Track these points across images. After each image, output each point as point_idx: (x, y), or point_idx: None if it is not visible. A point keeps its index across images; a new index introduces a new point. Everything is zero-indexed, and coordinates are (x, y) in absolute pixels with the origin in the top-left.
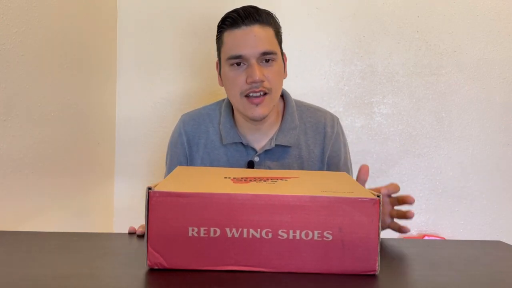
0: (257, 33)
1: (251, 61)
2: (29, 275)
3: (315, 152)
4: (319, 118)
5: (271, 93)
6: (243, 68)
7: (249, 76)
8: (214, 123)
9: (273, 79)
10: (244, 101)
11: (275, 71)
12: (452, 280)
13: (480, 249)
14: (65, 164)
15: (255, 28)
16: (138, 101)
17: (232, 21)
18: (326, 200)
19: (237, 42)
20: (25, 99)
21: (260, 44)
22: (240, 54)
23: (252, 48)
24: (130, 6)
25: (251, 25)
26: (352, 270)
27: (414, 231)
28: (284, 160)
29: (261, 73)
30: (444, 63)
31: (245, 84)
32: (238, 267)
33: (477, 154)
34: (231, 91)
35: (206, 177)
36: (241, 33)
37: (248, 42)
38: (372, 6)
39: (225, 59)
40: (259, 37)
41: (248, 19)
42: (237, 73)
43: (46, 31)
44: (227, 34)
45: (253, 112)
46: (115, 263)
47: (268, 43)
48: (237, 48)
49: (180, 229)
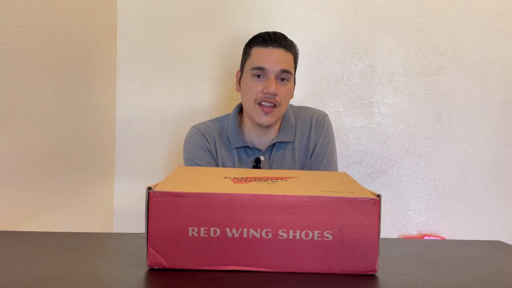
0: (281, 54)
1: (271, 76)
2: (29, 275)
3: (303, 142)
4: (309, 113)
5: (280, 107)
6: (262, 80)
7: (266, 87)
8: (223, 132)
9: (284, 96)
10: (256, 108)
11: (287, 90)
12: (452, 280)
13: (480, 249)
14: (65, 164)
15: (280, 50)
16: (138, 101)
17: (263, 40)
18: (326, 200)
19: (263, 57)
20: (25, 99)
21: (281, 63)
22: (264, 66)
23: (274, 64)
24: (130, 6)
25: (277, 47)
26: (352, 270)
27: (414, 231)
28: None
29: (276, 87)
30: (444, 63)
31: (260, 93)
32: (238, 267)
33: (477, 154)
34: (247, 96)
35: (206, 177)
36: (268, 51)
37: (272, 59)
38: (372, 6)
39: (249, 68)
40: (281, 58)
41: (276, 42)
42: (256, 83)
43: (46, 31)
44: (256, 49)
45: (261, 119)
46: (115, 263)
47: (288, 64)
48: (262, 62)
49: (180, 229)
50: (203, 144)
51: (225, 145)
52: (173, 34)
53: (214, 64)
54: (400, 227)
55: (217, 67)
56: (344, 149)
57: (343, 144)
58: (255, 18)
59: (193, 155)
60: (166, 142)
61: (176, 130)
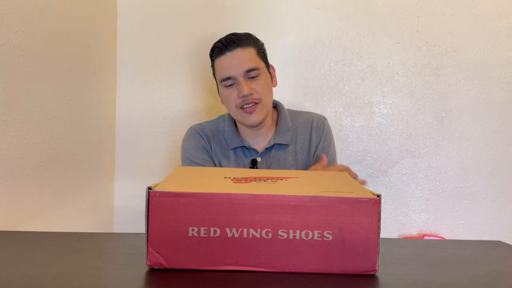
0: (240, 55)
1: (239, 79)
2: (29, 275)
3: (305, 145)
4: (308, 117)
5: (262, 102)
6: (234, 86)
7: (239, 92)
8: (219, 133)
9: (260, 90)
10: (240, 112)
11: (261, 84)
12: (452, 280)
13: (480, 249)
14: (65, 164)
15: (237, 51)
16: (138, 101)
17: (218, 50)
18: (326, 200)
19: (225, 66)
20: (25, 99)
21: (243, 64)
22: (228, 75)
23: (236, 69)
24: (130, 6)
25: (233, 50)
26: (352, 270)
27: (414, 231)
28: (281, 156)
29: (249, 87)
30: (444, 63)
31: (238, 98)
32: (238, 267)
33: (477, 154)
34: (228, 106)
35: (206, 177)
36: (226, 58)
37: (233, 65)
38: (372, 6)
39: (219, 81)
40: (242, 59)
41: (230, 46)
42: (230, 92)
43: (46, 31)
44: (217, 61)
45: (249, 119)
46: (115, 263)
47: (251, 61)
48: (225, 71)
49: (180, 229)
50: (199, 144)
51: (222, 146)
52: (173, 34)
53: None
54: (400, 227)
55: None
56: (344, 149)
57: (343, 144)
58: (255, 18)
59: (191, 154)
60: (166, 142)
61: (176, 130)
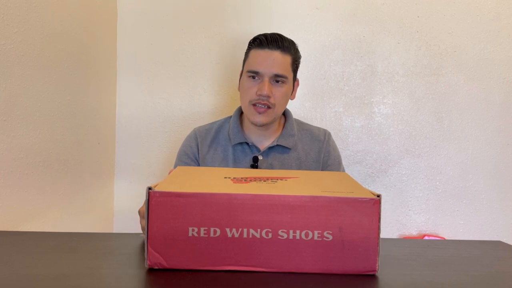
0: (276, 57)
1: (265, 78)
2: (29, 275)
3: (312, 155)
4: (313, 130)
5: (274, 108)
6: (257, 82)
7: (259, 89)
8: (224, 131)
9: (278, 97)
10: (251, 108)
11: (282, 92)
12: (452, 280)
13: (480, 249)
14: (65, 164)
15: (276, 53)
16: (138, 101)
17: (260, 42)
18: (326, 200)
19: (258, 61)
20: (25, 99)
21: (275, 67)
22: (258, 70)
23: (268, 68)
24: (130, 6)
25: (273, 49)
26: (352, 270)
27: (414, 231)
28: (284, 160)
29: (270, 90)
30: (444, 63)
31: (255, 95)
32: (238, 267)
33: (477, 154)
34: (243, 97)
35: (206, 177)
36: (264, 54)
37: (266, 63)
38: (372, 6)
39: (246, 70)
40: (277, 61)
41: (272, 44)
42: (251, 85)
43: (46, 31)
44: (253, 51)
45: (255, 118)
46: (115, 263)
47: (283, 68)
48: (256, 65)
49: (180, 229)
50: (189, 147)
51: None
52: (173, 34)
53: (214, 64)
54: (400, 227)
55: (217, 67)
56: (344, 149)
57: (343, 144)
58: (256, 18)
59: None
60: (166, 142)
61: (176, 130)
